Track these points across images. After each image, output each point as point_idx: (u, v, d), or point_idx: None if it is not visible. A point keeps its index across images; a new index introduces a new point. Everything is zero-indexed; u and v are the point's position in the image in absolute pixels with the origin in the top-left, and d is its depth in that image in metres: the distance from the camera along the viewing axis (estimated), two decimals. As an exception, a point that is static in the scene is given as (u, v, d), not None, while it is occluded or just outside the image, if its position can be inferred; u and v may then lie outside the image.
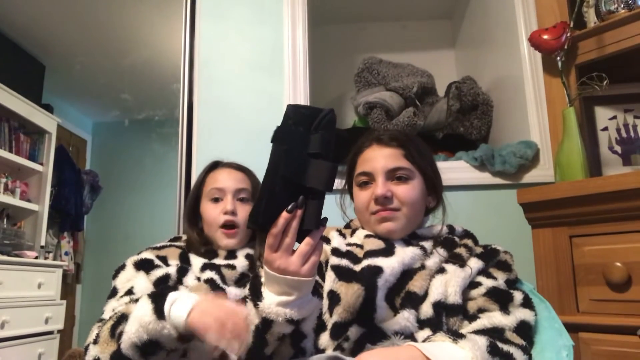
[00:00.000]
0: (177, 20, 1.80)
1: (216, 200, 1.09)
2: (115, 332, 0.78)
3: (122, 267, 0.98)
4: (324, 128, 0.66)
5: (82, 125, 4.65)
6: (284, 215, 0.65)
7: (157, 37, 3.39)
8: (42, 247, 3.18)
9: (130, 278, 0.95)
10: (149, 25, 3.27)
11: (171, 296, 0.76)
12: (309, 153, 0.65)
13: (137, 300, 0.81)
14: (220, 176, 1.12)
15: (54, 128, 3.46)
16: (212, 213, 1.07)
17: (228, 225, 1.06)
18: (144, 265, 0.97)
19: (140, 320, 0.74)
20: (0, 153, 2.94)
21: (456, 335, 0.72)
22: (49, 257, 3.50)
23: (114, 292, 0.93)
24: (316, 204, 0.66)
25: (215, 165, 1.17)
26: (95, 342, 0.81)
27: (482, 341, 0.71)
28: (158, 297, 0.77)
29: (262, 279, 0.74)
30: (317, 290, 0.78)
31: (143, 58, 3.55)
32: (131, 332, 0.74)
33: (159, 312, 0.74)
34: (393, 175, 0.92)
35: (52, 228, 3.65)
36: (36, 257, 2.94)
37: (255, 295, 0.74)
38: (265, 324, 0.73)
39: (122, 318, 0.79)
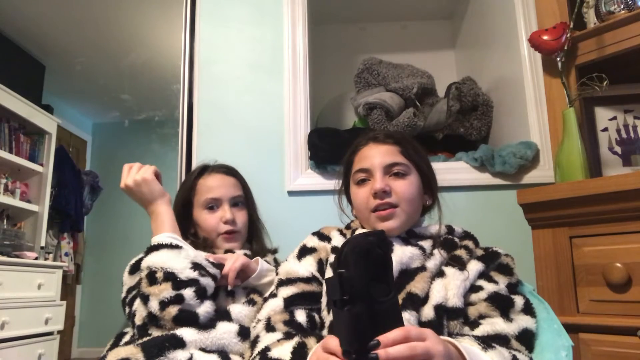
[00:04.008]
0: (177, 21, 1.80)
1: (211, 208, 1.10)
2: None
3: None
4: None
5: (82, 126, 4.65)
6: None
7: (157, 37, 3.39)
8: (42, 247, 3.18)
9: None
10: (149, 25, 3.27)
11: None
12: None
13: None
14: (214, 183, 1.11)
15: (54, 129, 3.46)
16: (212, 222, 1.09)
17: (228, 231, 1.08)
18: None
19: None
20: (0, 154, 2.94)
21: (485, 344, 0.71)
22: (48, 257, 3.50)
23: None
24: None
25: (204, 170, 1.16)
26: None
27: (506, 354, 0.72)
28: None
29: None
30: None
31: (143, 58, 3.55)
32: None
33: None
34: (390, 170, 0.93)
35: (52, 229, 3.65)
36: (36, 258, 2.94)
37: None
38: None
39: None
